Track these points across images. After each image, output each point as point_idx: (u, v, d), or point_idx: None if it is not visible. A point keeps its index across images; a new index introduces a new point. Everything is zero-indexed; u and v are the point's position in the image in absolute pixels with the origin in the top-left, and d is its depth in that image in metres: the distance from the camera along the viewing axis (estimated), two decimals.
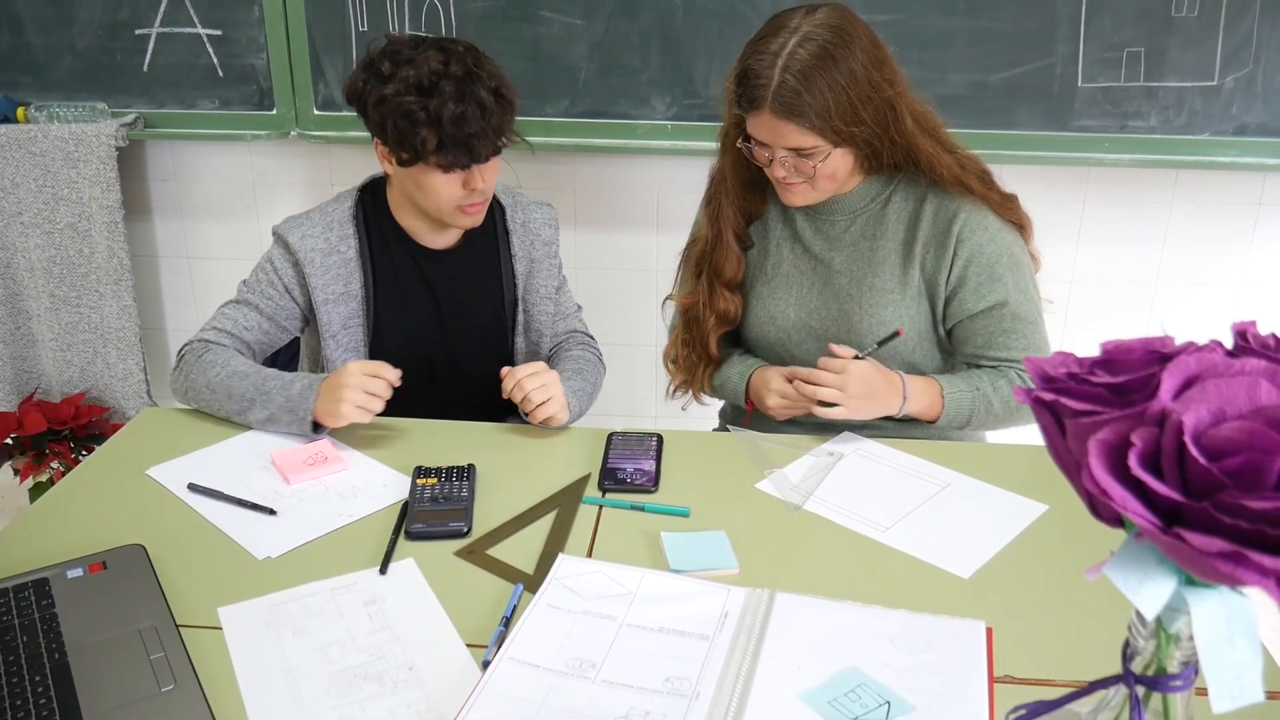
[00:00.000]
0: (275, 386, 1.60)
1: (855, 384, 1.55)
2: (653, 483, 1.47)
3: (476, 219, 1.73)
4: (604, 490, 1.47)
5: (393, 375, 1.59)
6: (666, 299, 1.89)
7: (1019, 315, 1.64)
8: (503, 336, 1.91)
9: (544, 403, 1.61)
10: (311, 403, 1.57)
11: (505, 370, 1.65)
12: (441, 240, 1.80)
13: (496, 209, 1.86)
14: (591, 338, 1.99)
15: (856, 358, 1.58)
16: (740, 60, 1.54)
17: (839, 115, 1.49)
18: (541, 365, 1.65)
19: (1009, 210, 1.64)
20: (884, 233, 1.66)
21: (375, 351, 1.81)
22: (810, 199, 1.64)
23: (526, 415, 1.64)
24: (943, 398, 1.61)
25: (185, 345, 1.72)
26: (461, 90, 1.57)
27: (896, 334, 1.62)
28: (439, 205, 1.68)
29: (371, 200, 1.80)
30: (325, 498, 1.44)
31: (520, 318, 1.89)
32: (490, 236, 1.86)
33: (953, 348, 1.72)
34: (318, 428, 1.59)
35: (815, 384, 1.57)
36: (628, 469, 1.50)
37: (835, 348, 1.59)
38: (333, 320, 1.76)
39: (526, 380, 1.62)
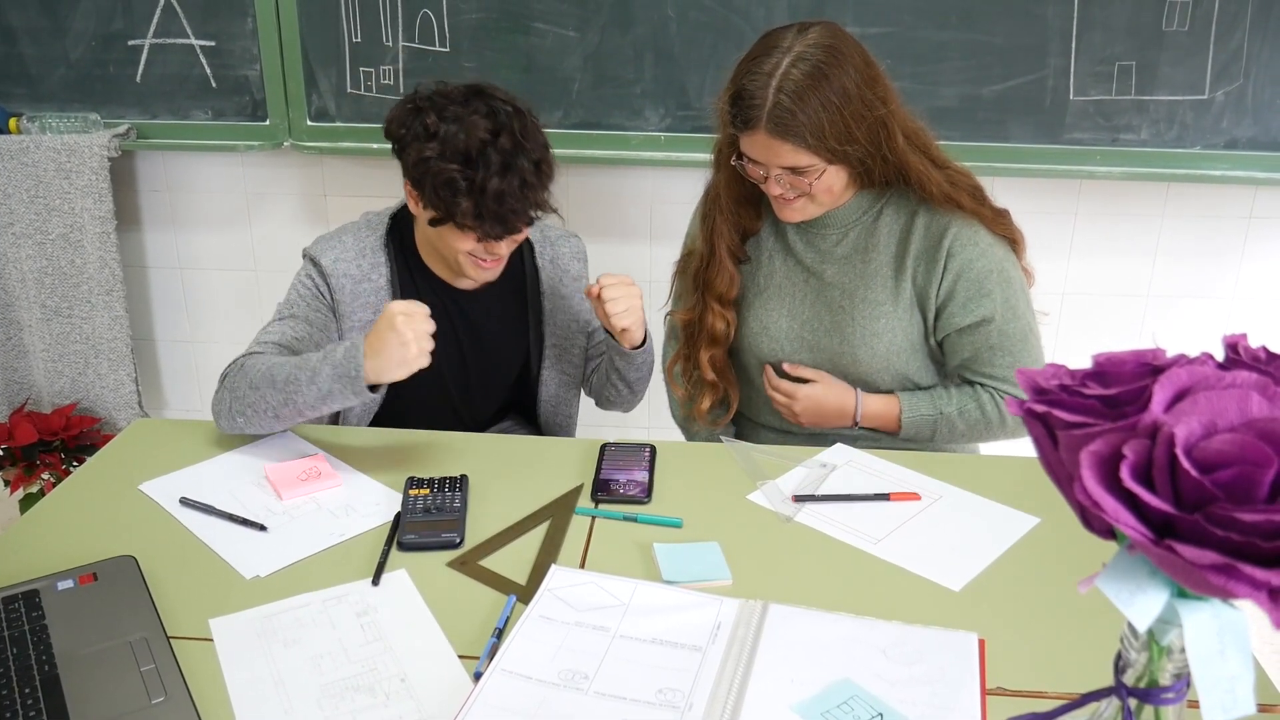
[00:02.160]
0: (317, 360, 1.51)
1: (803, 407, 1.71)
2: (646, 494, 1.47)
3: (491, 275, 1.71)
4: (597, 501, 1.47)
5: (425, 309, 1.51)
6: (666, 314, 1.89)
7: (1005, 332, 1.64)
8: (526, 368, 1.87)
9: (622, 312, 1.65)
10: (360, 363, 1.47)
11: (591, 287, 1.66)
12: (467, 281, 1.76)
13: (525, 245, 1.83)
14: None
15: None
16: (733, 80, 1.54)
17: (833, 134, 1.50)
18: (627, 278, 1.67)
19: (1001, 226, 1.64)
20: (875, 245, 1.67)
21: (396, 382, 1.78)
22: (809, 214, 1.64)
23: (607, 329, 1.72)
24: (899, 421, 1.69)
25: (226, 368, 1.64)
26: (506, 164, 1.55)
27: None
28: (454, 255, 1.66)
29: (400, 237, 1.77)
30: (318, 515, 1.43)
31: (549, 353, 1.86)
32: (518, 275, 1.82)
33: (944, 359, 1.73)
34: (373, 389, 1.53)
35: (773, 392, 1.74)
36: (620, 480, 1.50)
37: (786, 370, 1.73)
38: None
39: (610, 289, 1.64)
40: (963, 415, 1.65)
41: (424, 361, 1.49)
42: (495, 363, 1.85)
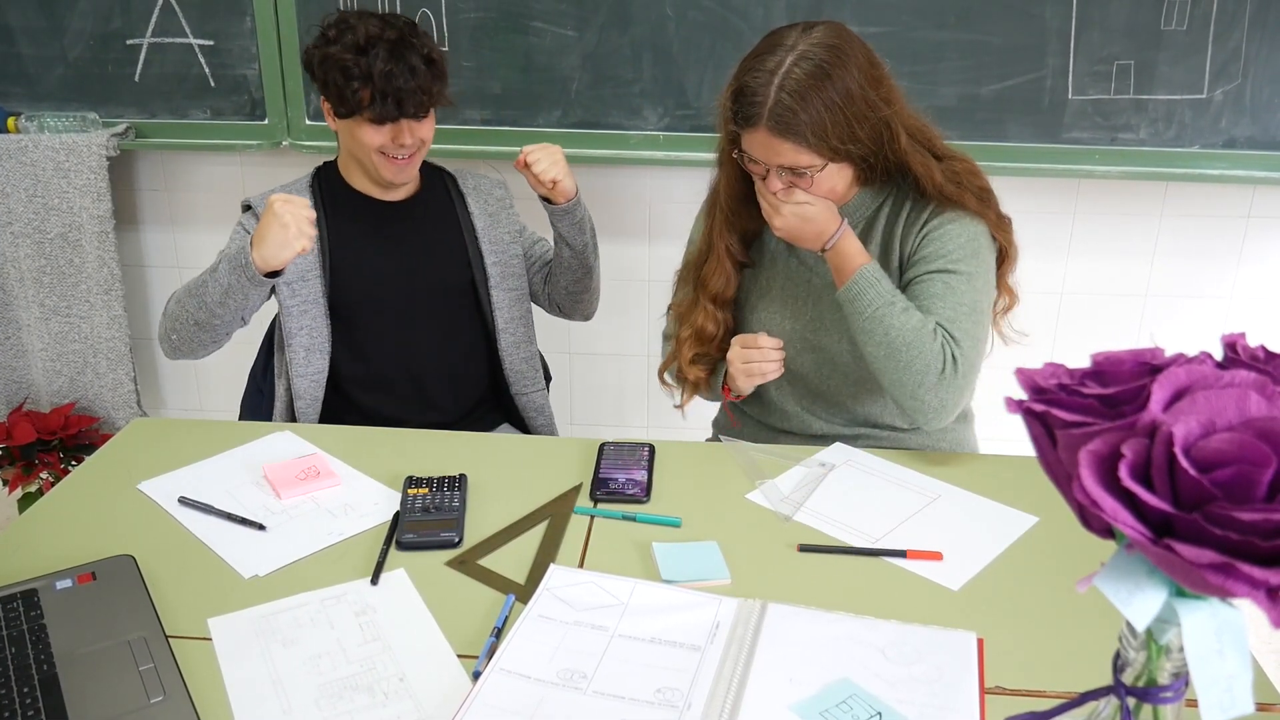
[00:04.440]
0: (218, 260, 1.72)
1: (785, 221, 1.57)
2: (644, 493, 1.47)
3: (404, 173, 1.84)
4: (596, 500, 1.47)
5: (305, 200, 1.69)
6: (669, 308, 1.89)
7: (953, 288, 1.56)
8: (473, 290, 1.96)
9: (547, 166, 1.80)
10: (249, 252, 1.65)
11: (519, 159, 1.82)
12: (390, 194, 1.90)
13: (447, 177, 1.98)
14: None
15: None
16: (736, 77, 1.54)
17: (835, 134, 1.49)
18: (546, 144, 1.84)
19: (1000, 231, 1.63)
20: (874, 239, 1.66)
21: (336, 301, 1.88)
22: None
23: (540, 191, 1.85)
24: (857, 271, 1.55)
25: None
26: (394, 51, 1.71)
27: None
28: (367, 154, 1.79)
29: (326, 173, 1.93)
30: (316, 515, 1.43)
31: (492, 270, 1.96)
32: (445, 198, 1.96)
33: None
34: (273, 277, 1.70)
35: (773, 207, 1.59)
36: (619, 479, 1.50)
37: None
38: (289, 270, 1.79)
39: (532, 153, 1.81)
40: (907, 313, 1.53)
41: (305, 242, 1.65)
42: (440, 270, 1.94)
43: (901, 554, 1.33)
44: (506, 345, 1.99)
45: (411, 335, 1.92)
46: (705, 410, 1.93)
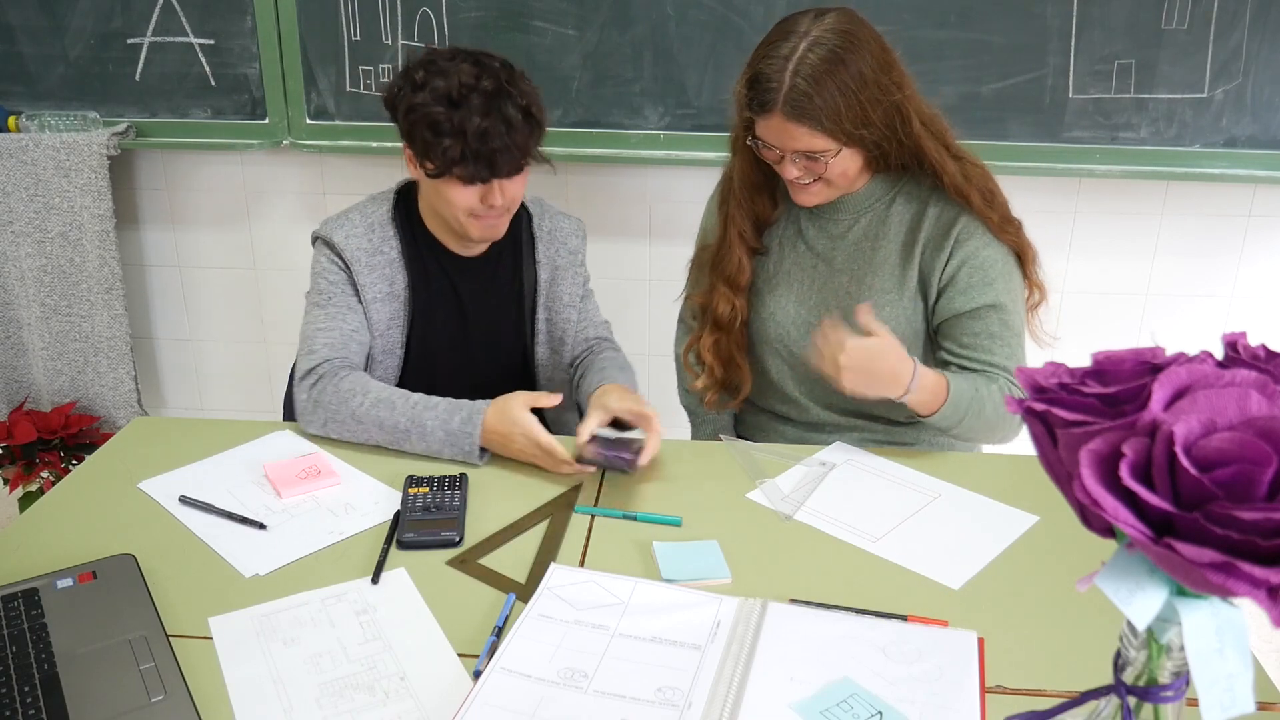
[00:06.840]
0: (431, 420, 1.57)
1: (850, 358, 1.47)
2: (631, 465, 1.47)
3: (492, 233, 1.72)
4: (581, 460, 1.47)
5: (551, 402, 1.60)
6: (685, 297, 1.89)
7: (1006, 323, 1.63)
8: (522, 343, 1.89)
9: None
10: (477, 438, 1.55)
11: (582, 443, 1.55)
12: (468, 249, 1.79)
13: (524, 215, 1.85)
14: (618, 349, 1.95)
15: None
16: (750, 64, 1.56)
17: (849, 118, 1.50)
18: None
19: (1006, 234, 1.62)
20: (886, 233, 1.67)
21: (409, 352, 1.81)
22: (825, 197, 1.64)
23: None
24: (948, 392, 1.53)
25: (307, 371, 1.66)
26: (489, 104, 1.57)
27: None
28: (455, 214, 1.67)
29: (406, 206, 1.80)
30: (317, 514, 1.43)
31: (541, 326, 1.88)
32: (516, 242, 1.85)
33: (938, 344, 1.70)
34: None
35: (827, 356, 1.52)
36: (608, 455, 1.50)
37: (827, 326, 1.53)
38: (380, 319, 1.75)
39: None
40: (991, 398, 1.58)
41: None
42: (499, 330, 1.86)
43: (903, 618, 1.19)
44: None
45: (457, 387, 1.81)
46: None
